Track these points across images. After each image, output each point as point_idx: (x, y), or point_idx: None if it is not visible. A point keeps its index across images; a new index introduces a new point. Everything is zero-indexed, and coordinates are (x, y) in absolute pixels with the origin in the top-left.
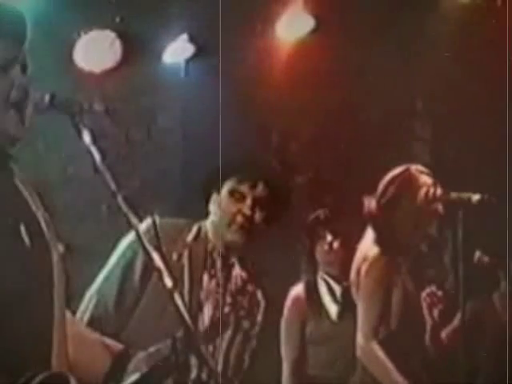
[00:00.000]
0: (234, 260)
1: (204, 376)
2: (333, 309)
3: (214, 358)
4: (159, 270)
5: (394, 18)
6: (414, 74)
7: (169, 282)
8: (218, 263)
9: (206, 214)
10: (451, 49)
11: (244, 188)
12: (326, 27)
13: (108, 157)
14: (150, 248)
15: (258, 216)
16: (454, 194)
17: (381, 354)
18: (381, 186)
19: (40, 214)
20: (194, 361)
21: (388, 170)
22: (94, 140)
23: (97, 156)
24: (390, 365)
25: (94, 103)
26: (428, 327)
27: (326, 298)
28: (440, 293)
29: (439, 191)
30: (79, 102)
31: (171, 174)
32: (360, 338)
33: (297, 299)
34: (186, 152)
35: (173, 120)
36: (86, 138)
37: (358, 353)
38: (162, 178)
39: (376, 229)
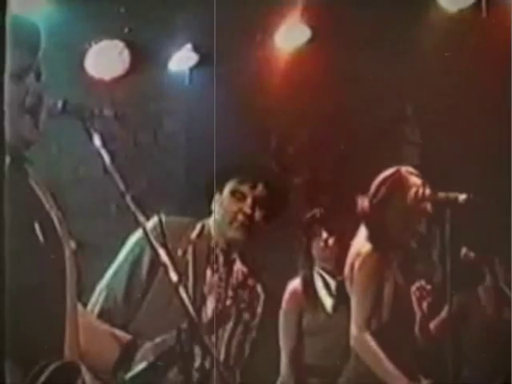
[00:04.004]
0: (235, 256)
1: (207, 364)
2: (328, 302)
3: (216, 347)
4: (165, 266)
5: (385, 30)
6: (404, 82)
7: (174, 277)
8: (221, 259)
9: (209, 213)
10: (439, 58)
11: (245, 188)
12: (321, 38)
13: (117, 159)
14: (157, 244)
15: (257, 214)
16: (441, 194)
17: (373, 343)
18: (373, 187)
19: (53, 213)
20: (197, 350)
21: (380, 171)
22: (104, 143)
23: (106, 158)
24: (381, 354)
25: (103, 108)
26: (417, 319)
27: (322, 292)
28: (429, 287)
29: (428, 191)
30: (90, 108)
31: (176, 175)
32: (353, 329)
33: (294, 293)
34: (190, 154)
35: (178, 124)
36: (97, 141)
37: (352, 343)
38: (168, 179)
39: (368, 227)
